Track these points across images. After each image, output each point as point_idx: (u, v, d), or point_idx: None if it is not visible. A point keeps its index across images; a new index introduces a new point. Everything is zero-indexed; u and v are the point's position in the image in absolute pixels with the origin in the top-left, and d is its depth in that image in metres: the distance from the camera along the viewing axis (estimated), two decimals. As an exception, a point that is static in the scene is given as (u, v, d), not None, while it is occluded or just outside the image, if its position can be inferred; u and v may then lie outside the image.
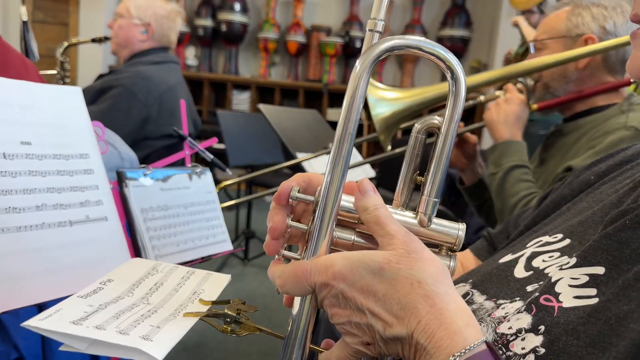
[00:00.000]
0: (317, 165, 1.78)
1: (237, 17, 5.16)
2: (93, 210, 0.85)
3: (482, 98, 1.30)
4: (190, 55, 5.33)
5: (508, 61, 2.73)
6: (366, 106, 1.16)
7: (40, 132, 0.83)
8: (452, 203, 1.93)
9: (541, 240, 0.59)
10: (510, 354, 0.45)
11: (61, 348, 0.45)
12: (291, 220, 0.47)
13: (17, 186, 0.77)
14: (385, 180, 2.76)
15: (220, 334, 0.49)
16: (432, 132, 0.49)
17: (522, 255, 0.58)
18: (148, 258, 0.90)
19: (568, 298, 0.46)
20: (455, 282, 0.61)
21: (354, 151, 2.21)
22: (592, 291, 0.45)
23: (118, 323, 0.48)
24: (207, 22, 5.23)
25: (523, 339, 0.45)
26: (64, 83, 2.10)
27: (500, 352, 0.45)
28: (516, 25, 2.63)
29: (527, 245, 0.60)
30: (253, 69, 5.59)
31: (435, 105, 1.22)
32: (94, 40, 2.23)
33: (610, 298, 0.44)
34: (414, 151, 0.50)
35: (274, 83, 5.25)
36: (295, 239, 0.52)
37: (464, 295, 0.57)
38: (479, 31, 5.20)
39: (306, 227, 0.46)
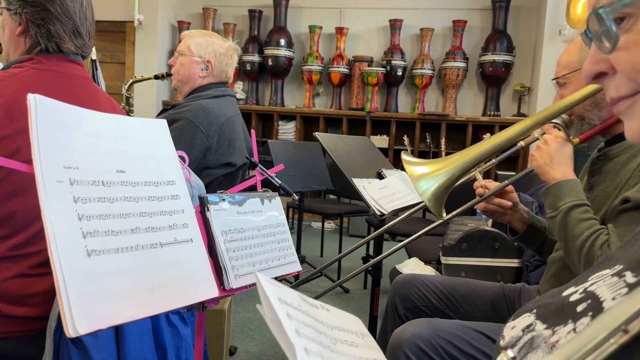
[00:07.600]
0: (372, 191, 1.82)
1: (282, 52, 5.34)
2: (180, 233, 0.90)
3: (522, 143, 1.27)
4: (238, 89, 5.52)
5: None
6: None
7: (133, 161, 0.90)
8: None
9: (604, 273, 0.61)
10: None
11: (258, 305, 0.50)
12: None
13: (115, 211, 0.83)
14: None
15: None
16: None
17: (582, 287, 0.60)
18: (228, 278, 0.95)
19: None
20: (522, 311, 0.63)
21: (405, 175, 2.23)
22: None
23: (302, 328, 0.51)
24: (254, 58, 5.44)
25: None
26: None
27: None
28: None
29: (589, 279, 0.62)
30: (298, 100, 5.73)
31: (476, 165, 1.23)
32: (156, 77, 2.36)
33: None
34: None
35: (318, 112, 5.37)
36: None
37: (528, 326, 0.59)
38: (520, 55, 5.18)
39: None
